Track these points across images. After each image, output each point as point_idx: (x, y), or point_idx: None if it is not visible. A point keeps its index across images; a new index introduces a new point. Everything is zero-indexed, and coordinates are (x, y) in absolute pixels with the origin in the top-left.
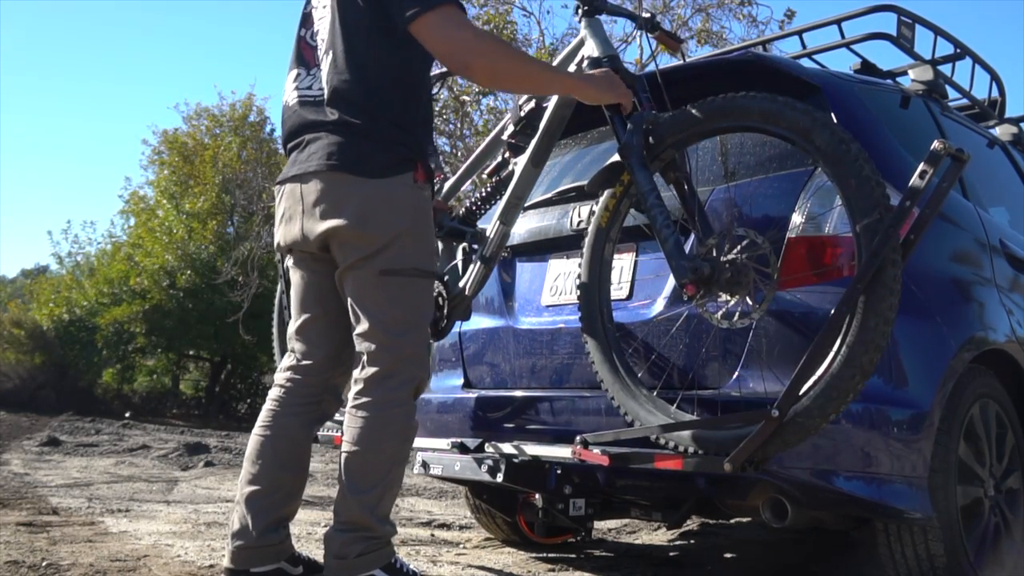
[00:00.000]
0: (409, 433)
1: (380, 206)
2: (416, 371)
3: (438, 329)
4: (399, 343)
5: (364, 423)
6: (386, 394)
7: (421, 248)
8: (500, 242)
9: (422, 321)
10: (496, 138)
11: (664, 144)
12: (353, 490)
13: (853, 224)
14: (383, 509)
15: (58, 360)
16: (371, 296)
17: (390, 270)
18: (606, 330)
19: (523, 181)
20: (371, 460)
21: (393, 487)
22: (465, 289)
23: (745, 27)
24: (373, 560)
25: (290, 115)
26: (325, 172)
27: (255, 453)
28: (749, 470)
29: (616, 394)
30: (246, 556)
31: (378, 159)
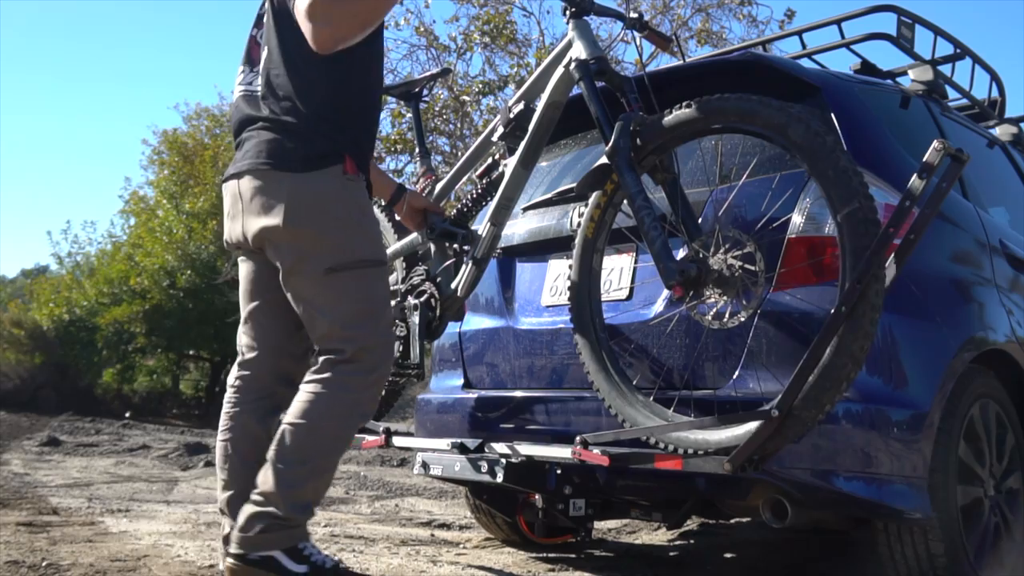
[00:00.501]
0: (352, 422)
1: (309, 201)
2: (375, 361)
3: (431, 330)
4: (360, 335)
5: (310, 399)
6: (340, 377)
7: (362, 237)
8: (491, 243)
9: (379, 310)
10: (486, 140)
11: (652, 145)
12: (278, 460)
13: (834, 214)
14: (302, 493)
15: (58, 360)
16: (322, 296)
17: (334, 267)
18: (599, 338)
19: (513, 183)
20: (306, 437)
21: (321, 475)
22: (457, 290)
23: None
24: (274, 540)
25: (233, 111)
26: (256, 170)
27: (222, 459)
28: (749, 470)
29: (612, 401)
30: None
31: (303, 153)
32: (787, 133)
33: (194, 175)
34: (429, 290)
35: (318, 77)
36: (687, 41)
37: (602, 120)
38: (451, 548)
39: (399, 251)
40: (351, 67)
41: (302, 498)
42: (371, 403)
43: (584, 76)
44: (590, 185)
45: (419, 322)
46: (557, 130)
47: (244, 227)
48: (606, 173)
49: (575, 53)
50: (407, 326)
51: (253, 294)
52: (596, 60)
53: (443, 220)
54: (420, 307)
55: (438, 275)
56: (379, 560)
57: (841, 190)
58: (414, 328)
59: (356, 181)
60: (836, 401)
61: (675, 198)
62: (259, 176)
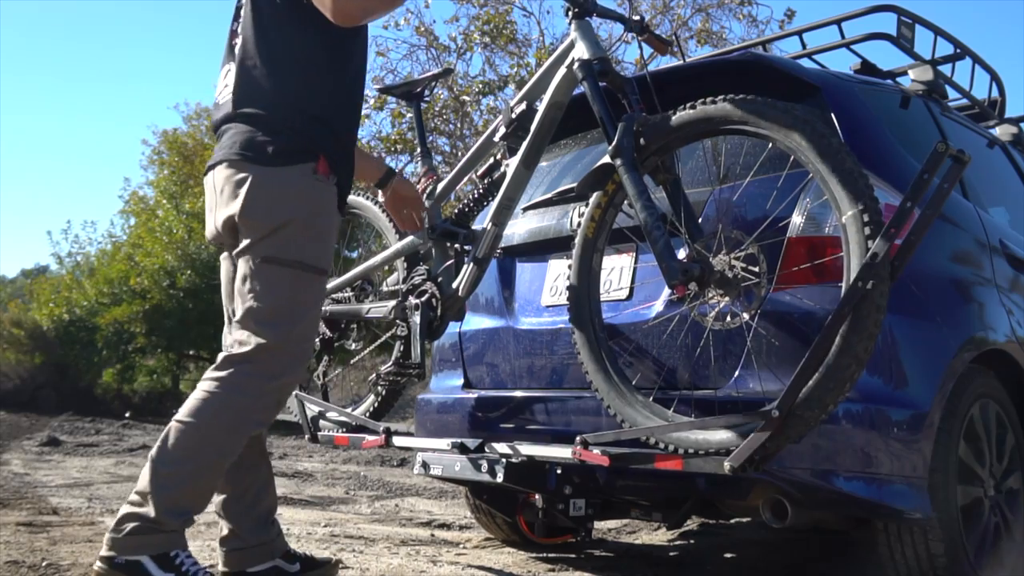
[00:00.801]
0: (242, 429)
1: (269, 194)
2: (277, 367)
3: (432, 330)
4: (267, 333)
5: (202, 397)
6: (237, 377)
7: (311, 241)
8: (493, 243)
9: (298, 318)
10: (488, 140)
11: (655, 145)
12: (155, 458)
13: (839, 216)
14: (177, 498)
15: (58, 360)
16: (249, 282)
17: (271, 258)
18: (598, 339)
19: (515, 183)
20: (190, 438)
21: (200, 480)
22: (459, 290)
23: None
24: (143, 543)
25: (214, 109)
26: (227, 160)
27: None
28: (749, 470)
29: (611, 401)
30: (239, 558)
31: (273, 146)
32: (792, 135)
33: (194, 175)
34: (430, 290)
35: (296, 71)
36: (687, 41)
37: (605, 120)
38: (451, 548)
39: (400, 251)
40: (332, 62)
41: (176, 503)
42: (267, 412)
43: (587, 76)
44: (591, 185)
45: (420, 322)
46: (557, 130)
47: (216, 219)
48: (607, 173)
49: (578, 53)
50: (408, 326)
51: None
52: (599, 60)
53: (444, 220)
54: (421, 307)
55: (439, 275)
56: (379, 560)
57: (846, 192)
58: (415, 328)
59: (325, 183)
60: (839, 401)
61: (677, 199)
62: (230, 166)
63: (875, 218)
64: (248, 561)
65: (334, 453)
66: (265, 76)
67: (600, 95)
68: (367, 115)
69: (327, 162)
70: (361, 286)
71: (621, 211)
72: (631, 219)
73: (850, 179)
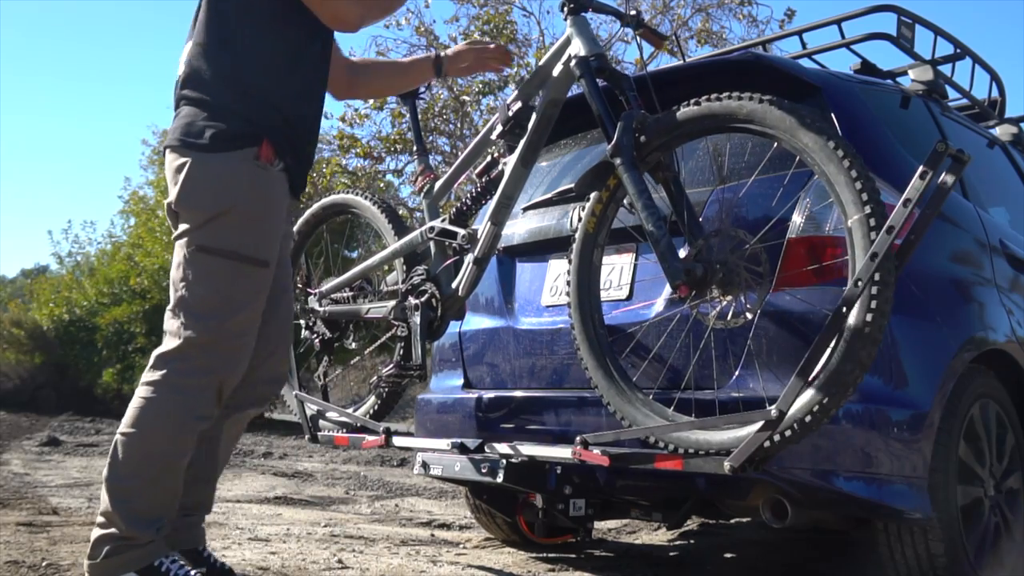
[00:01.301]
0: (186, 428)
1: (204, 181)
2: (213, 363)
3: (432, 330)
4: (196, 325)
5: (140, 404)
6: (172, 377)
7: (249, 231)
8: (492, 243)
9: (231, 311)
10: (485, 138)
11: (654, 144)
12: (108, 476)
13: (844, 219)
14: (138, 507)
15: (58, 360)
16: (182, 270)
17: (205, 247)
18: (598, 335)
19: (513, 181)
20: (136, 447)
21: (159, 484)
22: (458, 290)
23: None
24: (123, 562)
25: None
26: (170, 146)
27: None
28: (749, 471)
29: (611, 399)
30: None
31: (212, 131)
32: (797, 135)
33: None
34: (430, 290)
35: (246, 53)
36: (687, 41)
37: (604, 118)
38: (451, 548)
39: (399, 251)
40: (290, 42)
41: (141, 513)
42: (208, 406)
43: (584, 73)
44: (590, 184)
45: (420, 322)
46: (557, 130)
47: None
48: (606, 172)
49: (574, 50)
50: (408, 326)
51: None
52: (596, 57)
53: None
54: (421, 307)
55: (439, 275)
56: (379, 560)
57: (852, 195)
58: (415, 328)
59: (268, 170)
60: (841, 405)
61: (677, 197)
62: (172, 151)
63: (881, 222)
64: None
65: (334, 453)
66: (214, 57)
67: (598, 92)
68: (367, 115)
69: (272, 147)
70: (360, 286)
71: (622, 207)
72: (632, 217)
73: (857, 182)
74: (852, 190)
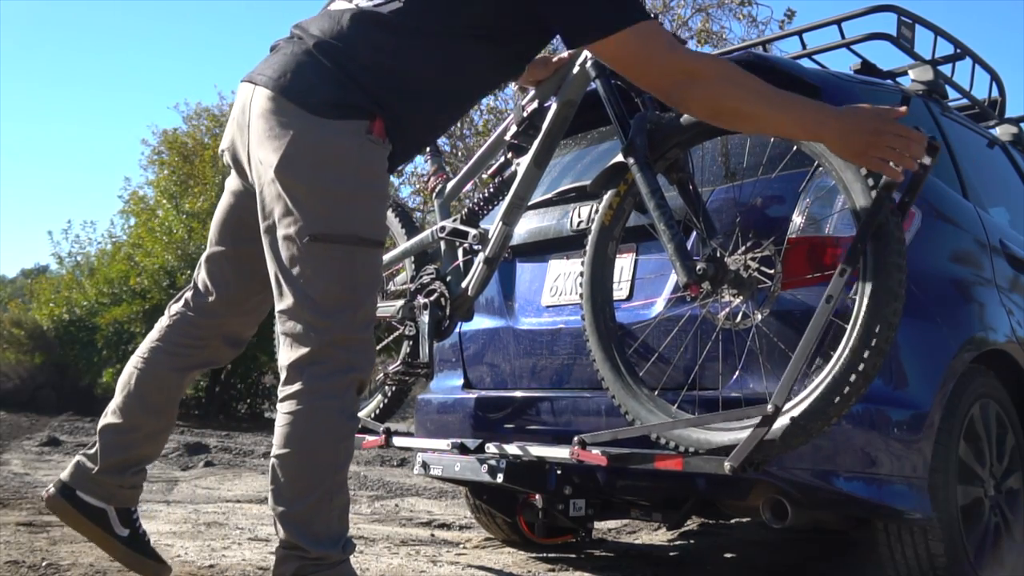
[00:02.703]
0: (344, 431)
1: (313, 150)
2: (352, 359)
3: (441, 330)
4: (327, 325)
5: (291, 419)
6: (313, 383)
7: (364, 211)
8: (503, 243)
9: (361, 299)
10: (499, 139)
11: (668, 144)
12: (278, 501)
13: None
14: (319, 526)
15: (58, 360)
16: (297, 265)
17: (321, 235)
18: (608, 328)
19: (526, 182)
20: (299, 464)
21: (333, 499)
22: (468, 290)
23: (745, 27)
24: None
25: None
26: (270, 88)
27: (123, 383)
28: (749, 471)
29: (617, 393)
30: (82, 477)
31: (327, 94)
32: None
33: (194, 175)
34: (439, 289)
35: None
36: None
37: (619, 118)
38: (451, 548)
39: (409, 250)
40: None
41: (326, 531)
42: (355, 403)
43: (600, 74)
44: (604, 184)
45: (429, 321)
46: None
47: (250, 144)
48: (621, 171)
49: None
50: (416, 326)
51: (225, 236)
52: None
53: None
54: (430, 306)
55: (448, 274)
56: (379, 560)
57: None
58: (423, 328)
59: (380, 146)
60: (844, 414)
61: (691, 197)
62: (271, 101)
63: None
64: (86, 486)
65: None
66: (382, 32)
67: (614, 93)
68: None
69: (384, 126)
70: None
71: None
72: (635, 218)
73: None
74: (868, 198)
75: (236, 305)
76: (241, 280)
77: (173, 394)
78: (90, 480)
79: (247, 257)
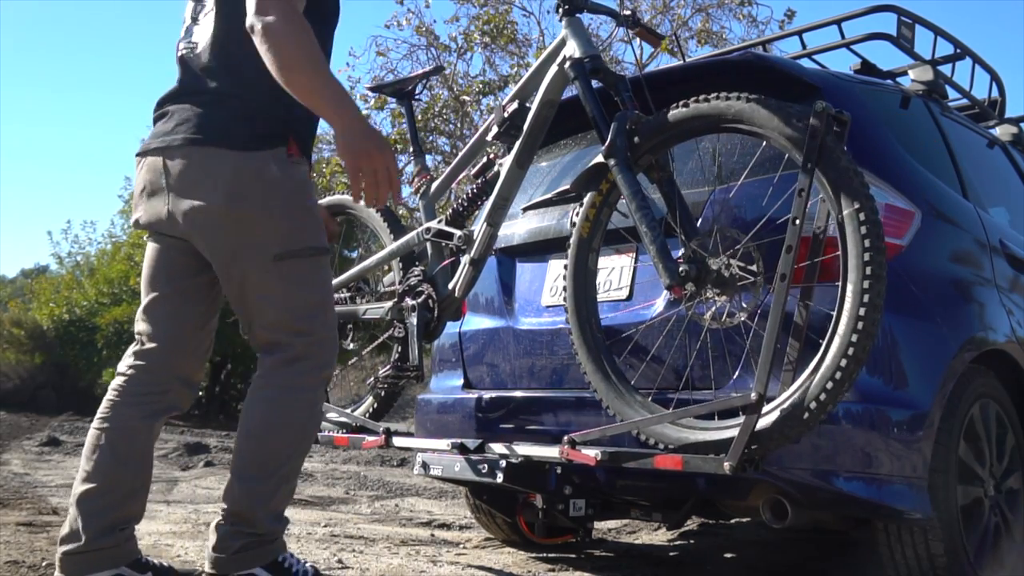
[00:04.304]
0: (313, 422)
1: (253, 182)
2: (327, 356)
3: (429, 331)
4: (310, 327)
5: (265, 407)
6: (293, 378)
7: (310, 223)
8: (488, 244)
9: (329, 301)
10: (480, 139)
11: (649, 144)
12: (243, 478)
13: (837, 215)
14: (276, 505)
15: (58, 360)
16: (271, 285)
17: (284, 254)
18: (595, 338)
19: (509, 182)
20: (268, 448)
21: (289, 481)
22: (455, 291)
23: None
24: (253, 557)
25: (188, 59)
26: (191, 144)
27: (90, 448)
28: (749, 470)
29: (610, 402)
30: (75, 562)
31: (248, 130)
32: (787, 133)
33: None
34: (426, 291)
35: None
36: (687, 41)
37: (598, 119)
38: (451, 548)
39: (395, 251)
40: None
41: (275, 510)
42: (322, 400)
43: (579, 75)
44: (585, 184)
45: (417, 323)
46: (557, 130)
47: (171, 206)
48: (602, 172)
49: (569, 51)
50: (405, 327)
51: (161, 281)
52: (590, 58)
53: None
54: (418, 308)
55: (435, 276)
56: (379, 560)
57: (844, 192)
58: (412, 329)
59: (300, 163)
60: (839, 400)
61: (671, 197)
62: (195, 152)
63: (871, 216)
64: (85, 567)
65: (334, 453)
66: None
67: (592, 93)
68: (367, 115)
69: (296, 144)
70: (357, 287)
71: (616, 211)
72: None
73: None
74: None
75: (180, 346)
76: (179, 321)
77: (145, 446)
78: (86, 558)
79: (183, 294)
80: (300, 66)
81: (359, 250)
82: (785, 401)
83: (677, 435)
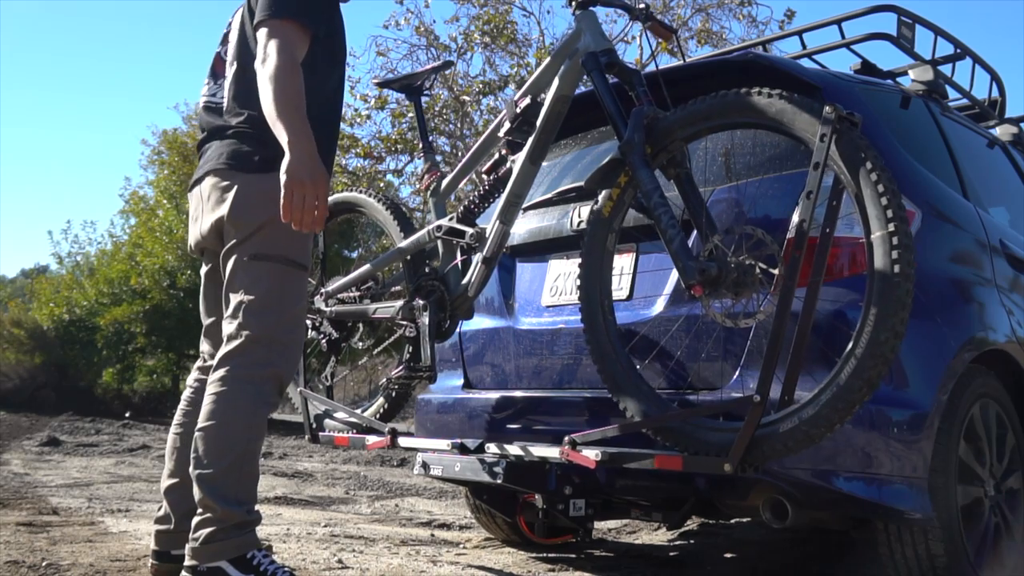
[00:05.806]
0: (257, 412)
1: (253, 198)
2: (271, 356)
3: (441, 330)
4: (256, 323)
5: (211, 399)
6: (234, 371)
7: (293, 239)
8: (500, 241)
9: (284, 309)
10: (492, 135)
11: (666, 140)
12: (197, 465)
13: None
14: (225, 490)
15: (58, 360)
16: (238, 278)
17: (259, 255)
18: (607, 322)
19: (521, 179)
20: (215, 436)
21: (243, 466)
22: (467, 289)
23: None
24: (220, 549)
25: (199, 120)
26: (215, 170)
27: (171, 450)
28: (749, 471)
29: (615, 388)
30: (167, 539)
31: (256, 156)
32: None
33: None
34: (439, 290)
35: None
36: (687, 41)
37: (615, 114)
38: (451, 548)
39: (406, 250)
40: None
41: (230, 494)
42: (273, 395)
43: (594, 69)
44: (600, 181)
45: (429, 322)
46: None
47: (202, 224)
48: (618, 168)
49: (583, 45)
50: (416, 327)
51: (213, 307)
52: (605, 52)
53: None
54: (430, 307)
55: (447, 274)
56: (379, 560)
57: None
58: (424, 328)
59: None
60: (845, 421)
61: (689, 194)
62: (217, 174)
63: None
64: (173, 544)
65: (334, 453)
66: (250, 96)
67: (608, 88)
68: (367, 115)
69: None
70: (367, 286)
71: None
72: (632, 216)
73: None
74: (878, 205)
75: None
76: None
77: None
78: (175, 537)
79: None
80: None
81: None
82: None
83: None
